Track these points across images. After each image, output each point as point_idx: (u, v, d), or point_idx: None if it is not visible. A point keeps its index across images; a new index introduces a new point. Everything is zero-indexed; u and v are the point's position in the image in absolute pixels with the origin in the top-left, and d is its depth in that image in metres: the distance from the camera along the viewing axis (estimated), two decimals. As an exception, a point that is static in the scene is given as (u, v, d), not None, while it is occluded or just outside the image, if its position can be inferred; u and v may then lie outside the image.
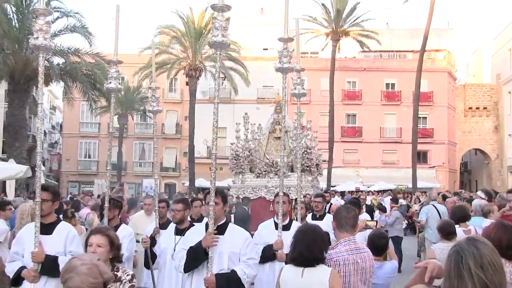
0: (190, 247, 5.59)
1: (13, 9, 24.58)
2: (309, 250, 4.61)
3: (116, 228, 7.29)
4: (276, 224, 6.90)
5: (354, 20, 43.40)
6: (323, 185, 28.04)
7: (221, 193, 5.91)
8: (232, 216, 14.30)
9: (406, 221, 21.57)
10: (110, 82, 6.98)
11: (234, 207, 13.33)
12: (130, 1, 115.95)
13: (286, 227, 6.91)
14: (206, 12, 39.33)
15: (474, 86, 55.72)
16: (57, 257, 5.73)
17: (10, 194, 20.06)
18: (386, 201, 23.86)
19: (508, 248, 4.60)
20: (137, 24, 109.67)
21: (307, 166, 11.43)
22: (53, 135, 63.10)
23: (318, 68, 47.89)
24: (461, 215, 8.53)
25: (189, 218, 9.14)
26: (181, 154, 50.21)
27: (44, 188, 5.92)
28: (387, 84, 51.42)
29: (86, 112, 47.70)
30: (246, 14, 50.80)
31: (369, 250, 5.30)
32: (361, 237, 6.74)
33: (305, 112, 37.96)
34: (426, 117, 49.77)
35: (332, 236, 5.99)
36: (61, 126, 58.04)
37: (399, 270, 13.39)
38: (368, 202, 20.68)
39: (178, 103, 51.54)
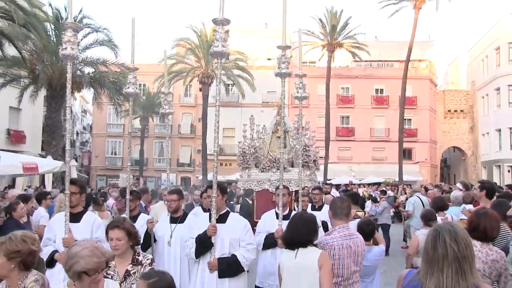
0: (198, 236, 5.61)
1: (52, 26, 24.78)
2: (298, 235, 4.67)
3: (136, 217, 7.32)
4: (277, 214, 6.71)
5: (347, 34, 43.49)
6: (320, 179, 28.11)
7: (219, 186, 5.78)
8: (238, 206, 14.34)
9: (393, 210, 21.54)
10: (129, 87, 6.83)
11: (240, 198, 13.37)
12: (151, 17, 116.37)
13: (286, 217, 6.59)
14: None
15: (452, 92, 55.52)
16: None
17: (48, 186, 20.24)
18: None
19: (474, 230, 4.64)
20: (157, 37, 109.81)
21: (306, 162, 11.45)
22: (84, 135, 63.35)
23: (316, 75, 47.87)
24: (440, 205, 8.59)
25: (201, 209, 8.99)
26: (195, 152, 50.19)
27: (72, 182, 5.88)
28: (377, 90, 51.28)
29: (113, 115, 47.91)
30: (252, 29, 50.95)
31: (361, 236, 5.32)
32: (352, 225, 6.75)
33: (304, 114, 37.85)
34: (410, 119, 49.64)
35: (330, 225, 6.00)
36: (91, 127, 58.25)
37: (387, 253, 13.47)
38: (360, 194, 20.72)
39: (192, 107, 51.57)
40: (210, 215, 5.71)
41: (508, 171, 42.94)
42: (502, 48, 45.84)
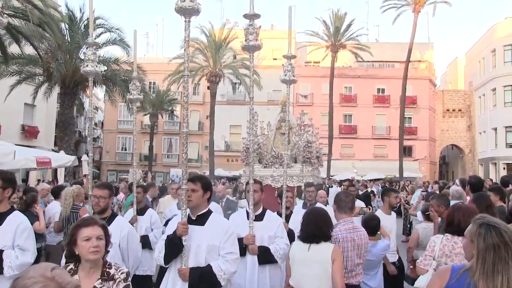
0: (167, 237, 4.45)
1: (66, 26, 24.88)
2: (318, 229, 4.59)
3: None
4: (248, 214, 5.46)
5: (350, 35, 43.46)
6: (323, 175, 28.01)
7: (201, 179, 4.57)
8: (243, 201, 14.27)
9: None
10: (87, 65, 5.60)
11: (243, 194, 13.34)
12: (163, 19, 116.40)
13: (259, 217, 5.61)
14: (225, 28, 39.62)
15: (451, 92, 55.49)
16: (2, 251, 4.61)
17: (60, 180, 20.30)
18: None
19: (450, 225, 4.58)
20: (167, 37, 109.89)
21: (308, 158, 11.29)
22: (95, 131, 63.49)
23: (320, 75, 48.21)
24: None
25: (175, 207, 8.30)
26: (203, 148, 50.19)
27: None
28: (378, 89, 51.22)
29: (123, 112, 48.10)
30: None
31: (364, 230, 5.32)
32: (357, 221, 6.64)
33: (308, 112, 38.11)
34: (411, 117, 49.56)
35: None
36: (102, 123, 58.39)
37: (388, 247, 13.38)
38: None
39: (200, 104, 51.55)
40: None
41: (504, 168, 42.85)
42: (498, 51, 45.96)
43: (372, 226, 6.23)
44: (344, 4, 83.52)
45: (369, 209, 12.24)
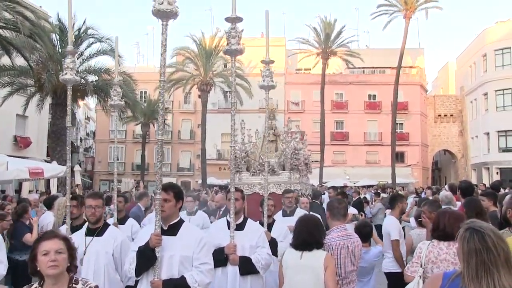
0: (138, 248, 4.28)
1: (57, 36, 24.89)
2: (311, 236, 4.66)
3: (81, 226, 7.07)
4: (229, 224, 5.33)
5: (340, 42, 43.71)
6: (315, 182, 28.11)
7: (174, 189, 4.44)
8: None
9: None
10: (66, 73, 5.52)
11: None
12: (153, 28, 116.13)
13: (240, 227, 5.44)
14: (216, 36, 39.80)
15: (442, 97, 55.81)
16: None
17: (53, 190, 20.35)
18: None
19: (435, 230, 4.56)
20: (158, 46, 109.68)
21: (295, 165, 11.28)
22: (87, 141, 63.40)
23: (311, 82, 48.42)
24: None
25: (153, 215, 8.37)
26: (195, 156, 50.20)
27: None
28: (369, 95, 51.49)
29: (115, 121, 48.06)
30: (248, 38, 51.08)
31: (358, 236, 5.33)
32: (349, 227, 6.62)
33: (299, 119, 38.44)
34: (402, 123, 49.77)
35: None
36: (94, 133, 58.36)
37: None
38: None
39: (192, 113, 51.65)
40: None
41: (497, 173, 42.99)
42: (489, 55, 46.21)
43: (365, 233, 6.32)
44: (334, 11, 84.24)
45: (361, 215, 12.36)
